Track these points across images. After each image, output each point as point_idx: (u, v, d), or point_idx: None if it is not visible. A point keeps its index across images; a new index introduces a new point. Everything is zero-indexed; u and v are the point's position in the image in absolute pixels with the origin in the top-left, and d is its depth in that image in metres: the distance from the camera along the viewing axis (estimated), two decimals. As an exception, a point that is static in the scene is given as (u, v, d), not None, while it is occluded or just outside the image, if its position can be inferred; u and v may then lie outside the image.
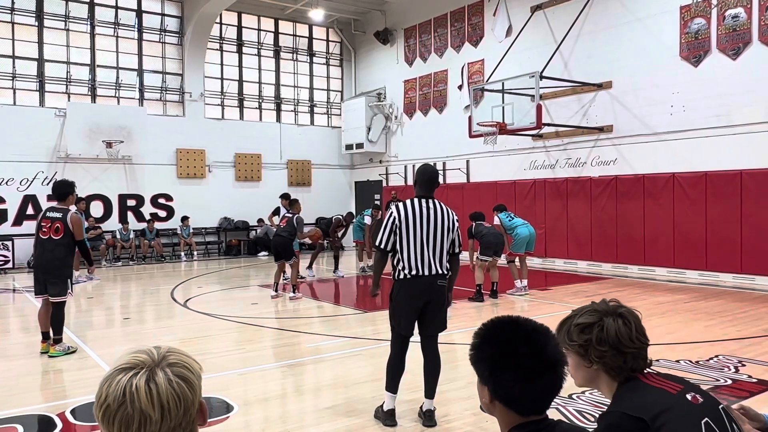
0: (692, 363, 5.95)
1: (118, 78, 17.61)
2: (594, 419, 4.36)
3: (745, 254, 11.43)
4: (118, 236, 16.83)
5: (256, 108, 20.08)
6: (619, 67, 13.40)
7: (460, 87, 17.38)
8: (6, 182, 15.79)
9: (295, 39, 20.70)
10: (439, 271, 4.56)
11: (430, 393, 4.57)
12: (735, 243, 11.54)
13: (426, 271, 4.50)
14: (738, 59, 11.55)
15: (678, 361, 6.01)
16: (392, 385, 4.56)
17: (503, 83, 13.74)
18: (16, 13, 16.22)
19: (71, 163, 16.42)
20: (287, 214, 10.92)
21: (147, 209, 17.81)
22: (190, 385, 1.24)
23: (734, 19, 11.57)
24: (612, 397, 1.89)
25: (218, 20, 18.83)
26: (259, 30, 19.97)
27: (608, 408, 1.85)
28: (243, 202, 19.13)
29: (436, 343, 4.68)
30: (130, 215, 17.47)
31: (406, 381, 4.71)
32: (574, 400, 4.80)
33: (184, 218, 17.93)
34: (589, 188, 14.04)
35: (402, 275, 4.53)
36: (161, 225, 17.88)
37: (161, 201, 18.07)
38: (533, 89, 12.67)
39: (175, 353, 1.28)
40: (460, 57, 17.46)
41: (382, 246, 4.57)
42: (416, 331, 4.66)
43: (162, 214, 18.04)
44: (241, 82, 19.70)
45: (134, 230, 17.21)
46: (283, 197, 12.95)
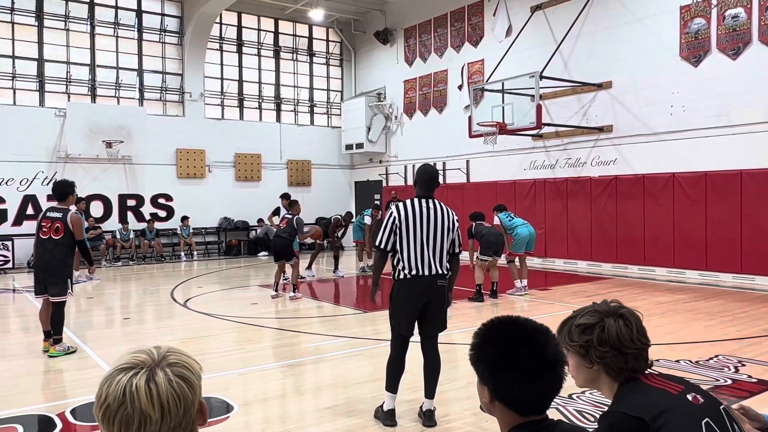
0: (692, 363, 5.95)
1: (118, 78, 17.61)
2: (594, 419, 4.36)
3: (745, 254, 11.43)
4: (118, 236, 16.83)
5: (256, 108, 20.08)
6: (619, 67, 13.41)
7: (460, 87, 17.38)
8: (6, 182, 15.79)
9: (295, 39, 20.70)
10: (439, 271, 4.56)
11: (430, 393, 4.57)
12: (735, 243, 11.55)
13: (426, 271, 4.50)
14: (738, 59, 11.55)
15: (678, 361, 6.01)
16: (392, 385, 4.56)
17: (503, 83, 13.74)
18: (16, 13, 16.22)
19: (71, 163, 16.43)
20: (287, 215, 10.92)
21: (147, 209, 17.81)
22: (190, 385, 1.25)
23: (734, 19, 11.58)
24: (613, 397, 1.89)
25: (218, 20, 18.83)
26: (259, 30, 19.97)
27: (609, 408, 1.85)
28: (243, 202, 19.13)
29: (436, 343, 4.68)
30: (130, 215, 17.48)
31: (406, 381, 4.71)
32: (574, 400, 4.80)
33: (184, 218, 17.94)
34: (589, 188, 14.04)
35: (402, 275, 4.53)
36: (161, 225, 17.89)
37: (161, 201, 18.07)
38: (533, 89, 12.67)
39: (175, 353, 1.28)
40: (460, 57, 17.46)
41: (382, 246, 4.57)
42: (416, 331, 4.66)
43: (162, 214, 18.04)
44: (241, 82, 19.70)
45: (134, 230, 17.21)
46: (284, 197, 12.95)
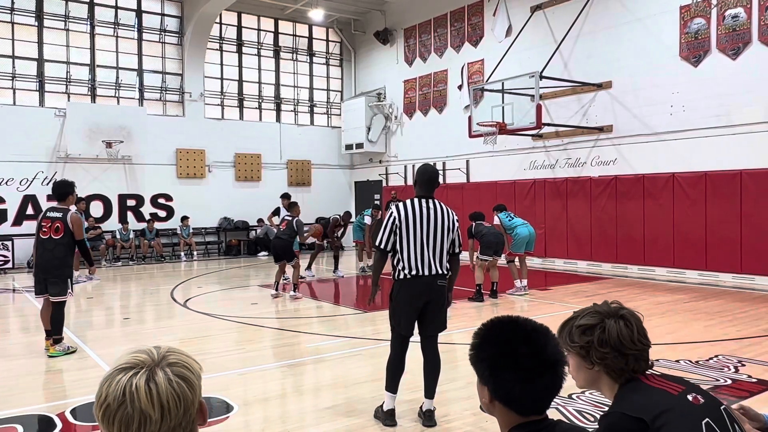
0: (692, 363, 5.95)
1: (118, 78, 17.61)
2: (594, 419, 4.36)
3: (744, 254, 11.43)
4: (118, 236, 16.83)
5: (256, 108, 20.08)
6: (619, 67, 13.41)
7: (460, 87, 17.38)
8: (6, 182, 15.79)
9: (295, 39, 20.70)
10: (439, 271, 4.55)
11: (430, 393, 4.57)
12: (735, 243, 11.55)
13: (426, 271, 4.50)
14: (738, 59, 11.55)
15: (678, 361, 6.01)
16: (392, 385, 4.56)
17: (503, 83, 13.74)
18: (16, 13, 16.22)
19: (71, 163, 16.42)
20: (287, 216, 10.92)
21: (147, 209, 17.81)
22: (190, 385, 1.25)
23: (734, 19, 11.58)
24: (613, 398, 1.89)
25: (218, 20, 18.83)
26: (258, 30, 19.96)
27: (609, 409, 1.85)
28: (243, 202, 19.13)
29: (436, 343, 4.68)
30: (129, 215, 17.47)
31: (406, 381, 4.71)
32: (574, 400, 4.80)
33: (184, 218, 17.94)
34: (589, 188, 14.04)
35: (402, 275, 4.53)
36: (161, 225, 17.88)
37: (161, 201, 18.07)
38: (533, 89, 12.67)
39: (175, 353, 1.28)
40: (459, 57, 17.46)
41: (382, 246, 4.57)
42: (416, 331, 4.66)
43: (162, 214, 18.04)
44: (240, 82, 19.70)
45: (134, 230, 17.21)
46: (284, 197, 12.96)
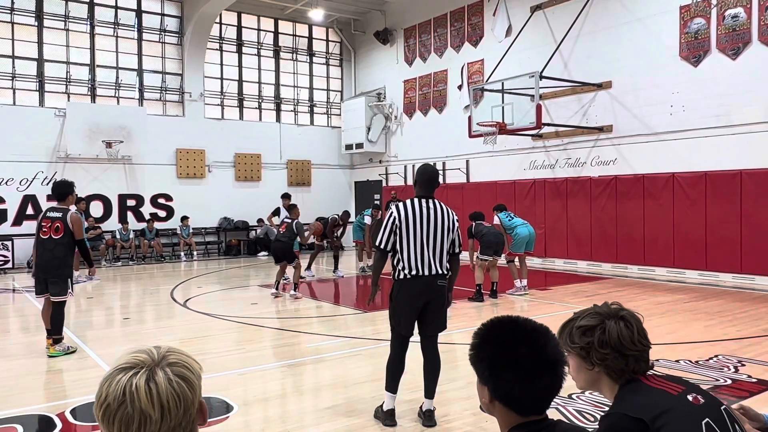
0: (692, 363, 5.95)
1: (117, 78, 17.61)
2: (594, 419, 4.36)
3: (744, 254, 11.43)
4: (118, 236, 16.83)
5: (256, 108, 20.08)
6: (618, 67, 13.41)
7: (459, 87, 17.38)
8: (6, 182, 15.79)
9: (295, 39, 20.70)
10: (439, 271, 4.55)
11: (430, 393, 4.57)
12: (735, 243, 11.55)
13: (426, 271, 4.50)
14: (738, 59, 11.55)
15: (678, 361, 6.01)
16: (392, 385, 4.56)
17: (503, 83, 13.74)
18: (16, 13, 16.21)
19: (71, 163, 16.42)
20: (286, 219, 10.92)
21: (147, 209, 17.81)
22: (190, 385, 1.25)
23: (734, 19, 11.58)
24: (613, 399, 1.89)
25: (218, 20, 18.83)
26: (258, 30, 19.96)
27: (609, 409, 1.85)
28: (243, 202, 19.13)
29: (436, 343, 4.68)
30: (129, 215, 17.47)
31: (405, 381, 4.71)
32: (574, 400, 4.80)
33: (184, 218, 17.94)
34: (588, 188, 14.04)
35: (402, 275, 4.53)
36: (161, 225, 17.88)
37: (161, 201, 18.07)
38: (533, 89, 12.67)
39: (175, 353, 1.28)
40: (459, 57, 17.46)
41: (382, 246, 4.57)
42: (416, 331, 4.66)
43: (162, 214, 18.04)
44: (240, 82, 19.70)
45: (134, 230, 17.21)
46: (284, 197, 12.95)
